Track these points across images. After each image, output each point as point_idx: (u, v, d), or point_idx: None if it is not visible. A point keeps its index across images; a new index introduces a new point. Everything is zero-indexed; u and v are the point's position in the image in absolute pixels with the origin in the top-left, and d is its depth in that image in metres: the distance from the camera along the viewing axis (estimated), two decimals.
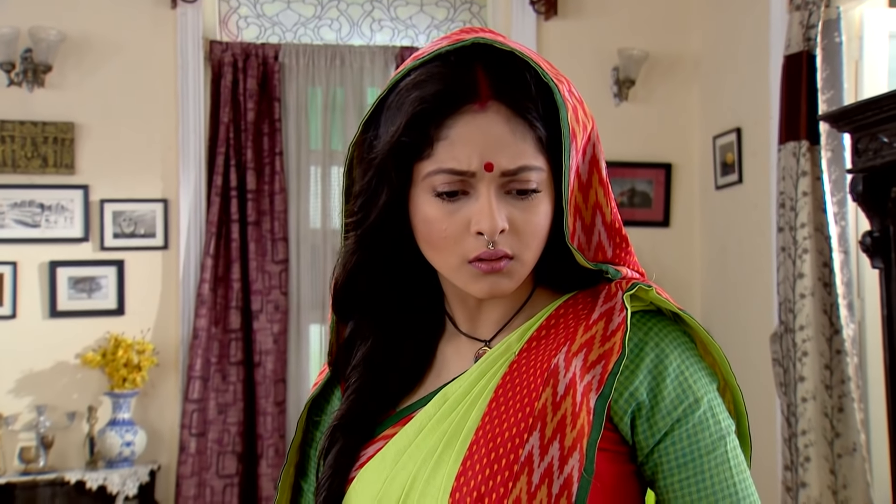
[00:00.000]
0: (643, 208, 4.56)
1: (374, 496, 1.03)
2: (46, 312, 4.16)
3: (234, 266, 4.25)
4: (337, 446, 1.08)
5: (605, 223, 1.04)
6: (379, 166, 1.02)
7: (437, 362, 1.12)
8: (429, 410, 1.05)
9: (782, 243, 3.56)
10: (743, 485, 1.01)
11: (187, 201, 4.27)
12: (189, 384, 4.16)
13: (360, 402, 1.09)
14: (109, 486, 3.92)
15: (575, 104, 1.01)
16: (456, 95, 0.98)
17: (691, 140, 4.58)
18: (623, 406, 1.00)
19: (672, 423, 1.00)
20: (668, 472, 1.00)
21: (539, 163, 1.00)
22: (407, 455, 1.03)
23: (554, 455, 0.95)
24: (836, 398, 3.40)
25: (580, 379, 0.97)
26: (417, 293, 1.13)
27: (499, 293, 1.02)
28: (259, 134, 4.32)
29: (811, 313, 3.43)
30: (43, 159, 4.15)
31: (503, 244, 0.99)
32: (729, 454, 1.01)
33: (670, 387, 1.00)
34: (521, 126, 0.99)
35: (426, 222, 1.02)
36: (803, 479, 3.41)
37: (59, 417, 4.09)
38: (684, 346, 1.02)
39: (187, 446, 4.14)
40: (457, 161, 0.98)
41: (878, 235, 2.54)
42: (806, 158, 3.47)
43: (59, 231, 4.17)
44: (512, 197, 1.00)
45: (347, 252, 1.08)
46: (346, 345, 1.14)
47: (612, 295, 1.02)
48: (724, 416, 1.02)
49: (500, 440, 0.97)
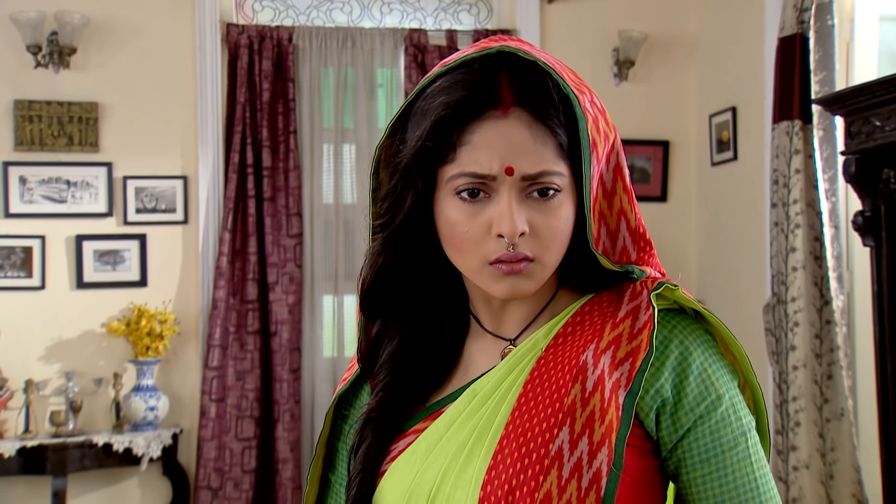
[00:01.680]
0: (642, 184, 4.58)
1: (405, 489, 1.02)
2: (73, 284, 4.19)
3: (250, 240, 4.27)
4: (367, 441, 1.07)
5: (630, 229, 1.04)
6: (404, 170, 1.02)
7: (464, 360, 1.10)
8: (458, 406, 1.04)
9: (775, 218, 3.59)
10: (763, 479, 1.01)
11: (206, 178, 4.29)
12: (209, 352, 4.20)
13: (390, 398, 1.08)
14: (135, 449, 3.96)
15: (596, 114, 1.01)
16: (479, 101, 0.98)
17: (688, 118, 4.59)
18: (649, 403, 0.99)
19: (695, 420, 0.99)
20: (692, 467, 1.00)
21: (560, 168, 0.99)
22: (438, 449, 1.02)
23: (583, 450, 0.95)
24: (826, 366, 3.44)
25: (609, 376, 0.97)
26: (443, 294, 1.12)
27: (519, 294, 1.01)
28: (274, 113, 4.33)
29: (802, 285, 3.46)
30: (69, 138, 4.17)
31: (523, 247, 0.98)
32: (750, 450, 1.00)
33: (693, 384, 0.99)
34: (543, 132, 0.98)
35: (449, 225, 1.01)
36: (793, 442, 3.46)
37: (87, 383, 4.13)
38: (707, 345, 1.02)
39: (208, 411, 4.18)
40: (478, 165, 0.97)
41: (869, 215, 2.56)
42: (799, 137, 3.48)
43: (84, 206, 4.20)
44: (533, 201, 0.99)
45: (374, 253, 1.07)
46: (374, 343, 1.13)
47: (637, 293, 1.02)
48: (745, 412, 1.02)
49: (530, 435, 0.97)
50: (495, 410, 1.01)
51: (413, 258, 1.08)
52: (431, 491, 1.00)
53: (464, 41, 4.45)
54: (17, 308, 4.10)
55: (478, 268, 1.01)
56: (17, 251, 4.12)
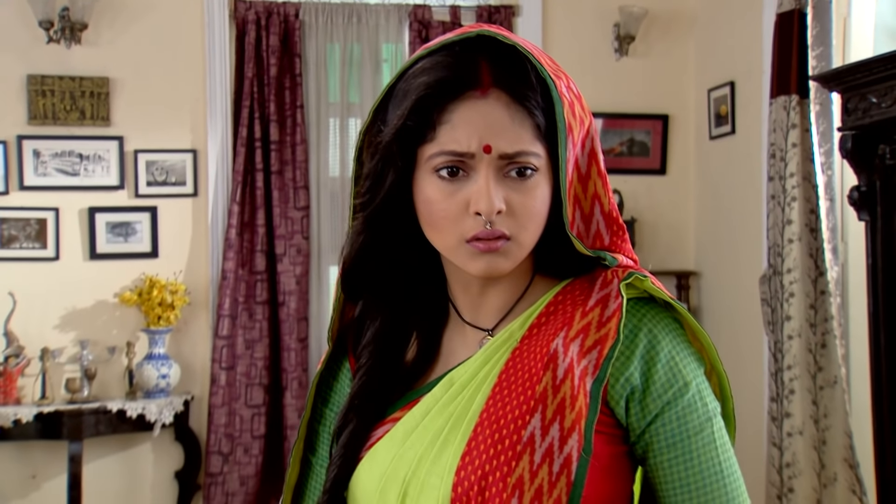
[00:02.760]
0: (641, 157, 4.58)
1: (381, 475, 1.03)
2: (87, 255, 4.21)
3: (258, 212, 4.28)
4: (350, 427, 1.07)
5: (604, 213, 1.04)
6: (385, 150, 1.02)
7: (444, 349, 1.10)
8: (436, 394, 1.04)
9: (772, 191, 3.60)
10: (727, 463, 1.02)
11: (215, 152, 4.30)
12: (219, 322, 4.23)
13: (371, 385, 1.08)
14: (148, 415, 4.00)
15: (572, 99, 1.01)
16: (459, 82, 0.98)
17: (687, 93, 4.59)
18: (619, 391, 1.00)
19: (663, 406, 1.00)
20: (658, 451, 1.01)
21: (537, 149, 0.99)
22: (415, 436, 1.03)
23: (554, 436, 0.95)
24: (820, 335, 3.46)
25: (577, 363, 0.97)
26: (423, 280, 1.12)
27: (496, 273, 1.01)
28: (281, 88, 4.33)
29: (798, 257, 3.47)
30: (81, 112, 4.18)
31: (500, 225, 0.98)
32: (715, 435, 1.01)
33: (661, 371, 1.00)
34: (520, 113, 0.98)
35: (427, 203, 1.01)
36: (787, 409, 3.49)
37: (101, 351, 4.16)
38: (675, 333, 1.02)
39: (218, 379, 4.21)
40: (457, 143, 0.98)
41: (864, 190, 2.57)
42: (796, 112, 3.48)
43: (96, 179, 4.21)
44: (510, 180, 0.99)
45: (355, 232, 1.08)
46: (357, 323, 1.13)
47: (608, 282, 1.02)
48: (711, 398, 1.03)
49: (503, 422, 0.97)
50: (471, 399, 1.01)
51: (394, 239, 1.08)
52: (406, 476, 1.00)
53: (467, 17, 4.44)
54: (32, 278, 4.13)
55: (455, 246, 1.01)
56: (31, 223, 4.14)
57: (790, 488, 3.47)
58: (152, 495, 4.26)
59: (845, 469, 3.40)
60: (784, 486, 3.49)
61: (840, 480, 3.42)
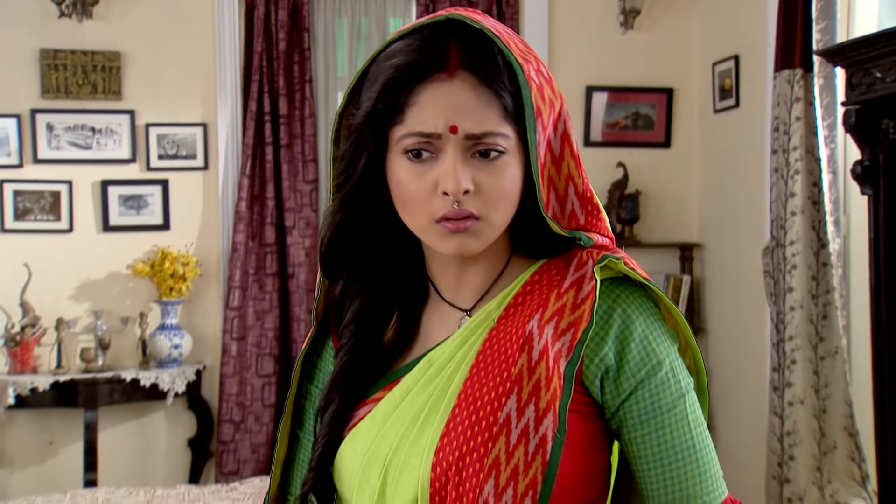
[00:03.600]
0: (646, 130, 4.57)
1: (363, 454, 1.04)
2: (100, 227, 4.22)
3: (268, 185, 4.29)
4: (333, 406, 1.08)
5: (578, 193, 1.04)
6: (357, 132, 1.03)
7: (423, 329, 1.11)
8: (415, 375, 1.05)
9: (775, 165, 3.59)
10: (700, 437, 1.03)
11: (225, 125, 4.30)
12: (229, 293, 4.25)
13: (353, 364, 1.09)
14: (161, 384, 4.03)
15: (542, 83, 1.01)
16: (426, 65, 0.99)
17: (692, 66, 4.57)
18: (594, 371, 1.01)
19: (636, 384, 1.01)
20: (633, 427, 1.02)
21: (504, 130, 0.99)
22: (395, 416, 1.03)
23: (530, 417, 0.96)
24: (822, 306, 3.47)
25: (552, 345, 0.98)
26: (403, 260, 1.12)
27: (467, 252, 1.02)
28: (290, 62, 4.32)
29: (801, 229, 3.47)
30: (93, 86, 4.17)
31: (468, 204, 0.99)
32: (688, 410, 1.02)
33: (634, 350, 1.01)
34: (487, 94, 0.98)
35: (398, 184, 1.02)
36: (789, 379, 3.50)
37: (114, 322, 4.19)
38: (649, 312, 1.03)
39: (229, 349, 4.24)
40: (424, 124, 0.98)
41: (868, 164, 2.56)
42: (800, 85, 3.47)
43: (109, 153, 4.21)
44: (478, 161, 0.99)
45: (331, 213, 1.08)
46: (338, 302, 1.14)
47: (583, 263, 1.02)
48: (684, 375, 1.04)
49: (480, 403, 0.98)
50: (449, 380, 1.02)
51: (369, 220, 1.08)
52: (387, 456, 1.02)
53: None
54: (47, 250, 4.15)
55: (425, 226, 1.02)
56: (45, 195, 4.15)
57: (791, 456, 3.49)
58: (166, 462, 4.31)
59: (845, 437, 3.43)
60: (785, 454, 3.51)
61: (840, 448, 3.44)
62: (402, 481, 1.00)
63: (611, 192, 4.45)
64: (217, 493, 3.09)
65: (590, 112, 4.51)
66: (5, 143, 4.11)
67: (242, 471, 4.21)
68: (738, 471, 4.21)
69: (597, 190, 4.61)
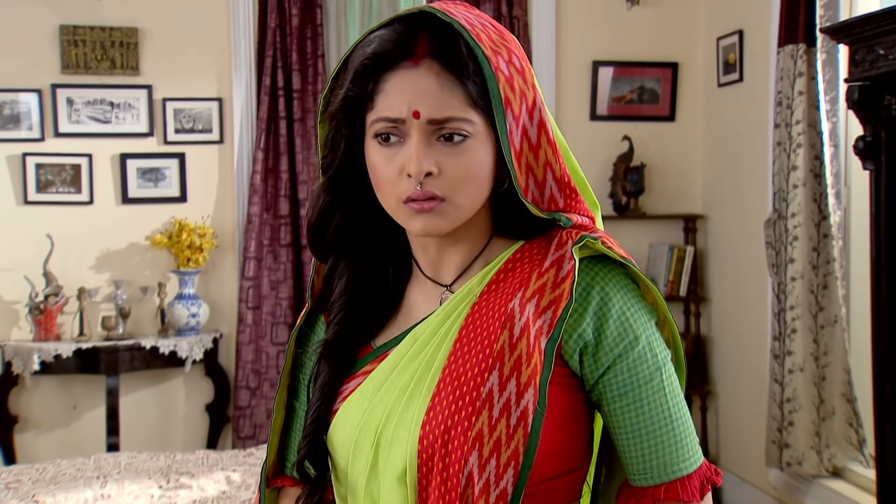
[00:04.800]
0: (651, 104, 4.58)
1: (355, 427, 1.07)
2: (119, 199, 4.25)
3: (282, 159, 4.31)
4: (324, 374, 1.12)
5: (556, 178, 1.05)
6: (334, 118, 1.07)
7: (408, 304, 1.14)
8: (401, 349, 1.07)
9: (778, 138, 3.60)
10: (676, 408, 1.05)
11: (239, 100, 4.32)
12: (245, 264, 4.28)
13: (343, 334, 1.12)
14: (179, 352, 4.08)
15: (512, 74, 1.02)
16: (394, 53, 1.02)
17: (696, 41, 4.57)
18: (573, 346, 1.03)
19: (614, 359, 1.03)
20: (611, 400, 1.04)
21: (469, 116, 1.01)
22: (384, 390, 1.06)
23: (511, 391, 0.98)
24: (822, 277, 3.50)
25: (533, 322, 1.00)
26: (387, 239, 1.15)
27: (434, 231, 1.04)
28: (303, 38, 4.33)
29: (802, 202, 3.49)
30: (111, 61, 4.19)
31: (431, 186, 1.01)
32: (664, 382, 1.05)
33: (612, 326, 1.03)
34: (451, 81, 1.00)
35: (372, 168, 1.05)
36: (789, 347, 3.54)
37: (134, 291, 4.23)
38: (626, 289, 1.05)
39: (245, 318, 4.28)
40: (390, 109, 1.01)
41: (870, 140, 2.57)
42: (803, 60, 3.48)
43: (127, 127, 4.24)
44: (442, 145, 1.01)
45: (317, 194, 1.12)
46: (326, 279, 1.17)
47: (563, 243, 1.05)
48: (661, 348, 1.06)
49: (463, 378, 1.01)
50: (434, 355, 1.05)
51: (353, 201, 1.12)
52: (378, 428, 1.05)
53: None
54: (68, 221, 4.19)
55: (395, 207, 1.05)
56: (66, 168, 4.18)
57: (790, 422, 3.54)
58: (185, 427, 4.37)
59: (843, 403, 3.47)
60: (784, 420, 3.55)
61: (838, 414, 3.48)
62: (392, 452, 1.03)
63: (616, 165, 4.47)
64: (235, 458, 3.15)
65: (596, 86, 4.51)
66: (27, 117, 4.14)
67: (258, 435, 4.27)
68: (738, 436, 4.26)
69: (602, 163, 4.64)
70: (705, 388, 4.49)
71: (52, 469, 3.01)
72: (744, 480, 4.18)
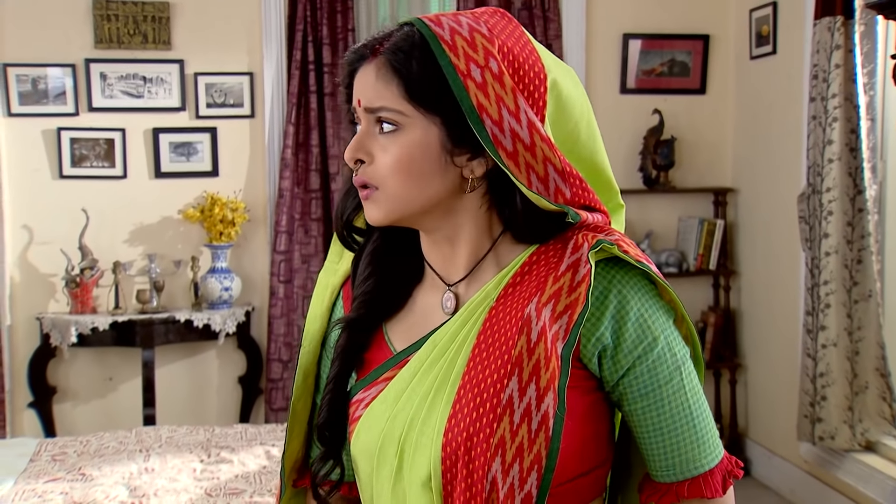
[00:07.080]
0: (681, 77, 4.52)
1: (379, 433, 1.07)
2: (152, 173, 4.25)
3: (312, 133, 4.29)
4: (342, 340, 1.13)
5: (557, 170, 1.04)
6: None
7: (424, 308, 1.14)
8: (421, 356, 1.08)
9: (813, 112, 3.54)
10: (696, 405, 1.06)
11: (270, 74, 4.29)
12: (276, 238, 4.28)
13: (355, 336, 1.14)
14: (212, 325, 4.09)
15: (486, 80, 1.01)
16: (362, 52, 1.07)
17: (728, 13, 4.49)
18: (591, 350, 1.03)
19: (634, 361, 1.03)
20: (632, 400, 1.05)
21: (401, 107, 1.03)
22: (405, 397, 1.07)
23: (531, 396, 0.98)
24: (857, 252, 3.45)
25: (550, 327, 1.00)
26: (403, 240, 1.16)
27: (373, 220, 1.06)
28: (333, 12, 4.29)
29: (837, 176, 3.44)
30: (143, 36, 4.17)
31: (363, 174, 1.05)
32: (684, 380, 1.05)
33: (631, 329, 1.03)
34: (388, 74, 1.03)
35: None
36: (823, 322, 3.50)
37: (167, 265, 4.24)
38: (644, 290, 1.05)
39: (276, 291, 4.29)
40: (350, 98, 1.08)
41: None
42: (840, 33, 3.41)
43: (159, 101, 4.23)
44: (381, 134, 1.05)
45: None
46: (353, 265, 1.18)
47: (578, 246, 1.04)
48: (680, 347, 1.06)
49: (483, 385, 1.01)
50: (453, 361, 1.05)
51: None
52: (401, 436, 1.05)
53: None
54: (102, 195, 4.19)
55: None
56: (100, 143, 4.18)
57: (823, 396, 3.51)
58: (218, 398, 4.39)
59: (877, 378, 3.43)
60: (817, 395, 3.52)
61: (871, 388, 3.45)
62: (416, 459, 1.03)
63: (646, 139, 4.42)
64: (273, 433, 3.15)
65: (626, 59, 4.45)
66: (61, 91, 4.14)
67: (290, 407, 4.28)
68: (768, 409, 4.23)
69: (632, 136, 4.60)
70: (735, 361, 4.46)
71: (95, 442, 3.03)
72: (773, 454, 4.16)
